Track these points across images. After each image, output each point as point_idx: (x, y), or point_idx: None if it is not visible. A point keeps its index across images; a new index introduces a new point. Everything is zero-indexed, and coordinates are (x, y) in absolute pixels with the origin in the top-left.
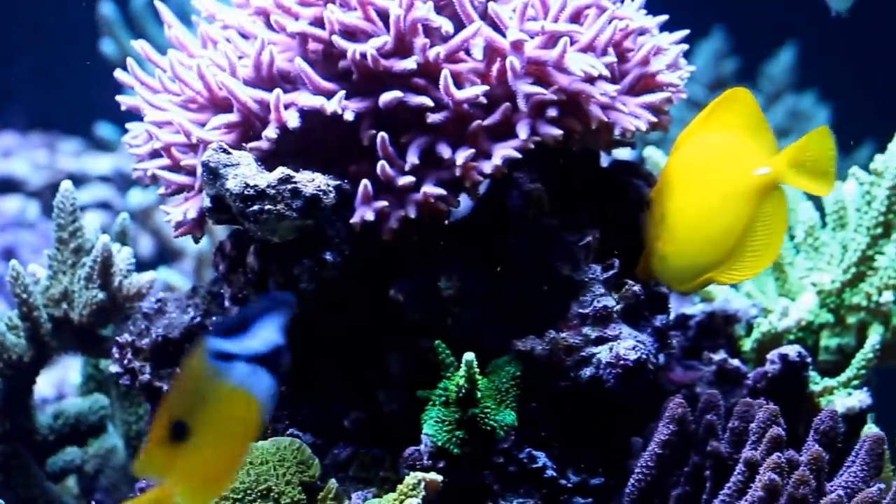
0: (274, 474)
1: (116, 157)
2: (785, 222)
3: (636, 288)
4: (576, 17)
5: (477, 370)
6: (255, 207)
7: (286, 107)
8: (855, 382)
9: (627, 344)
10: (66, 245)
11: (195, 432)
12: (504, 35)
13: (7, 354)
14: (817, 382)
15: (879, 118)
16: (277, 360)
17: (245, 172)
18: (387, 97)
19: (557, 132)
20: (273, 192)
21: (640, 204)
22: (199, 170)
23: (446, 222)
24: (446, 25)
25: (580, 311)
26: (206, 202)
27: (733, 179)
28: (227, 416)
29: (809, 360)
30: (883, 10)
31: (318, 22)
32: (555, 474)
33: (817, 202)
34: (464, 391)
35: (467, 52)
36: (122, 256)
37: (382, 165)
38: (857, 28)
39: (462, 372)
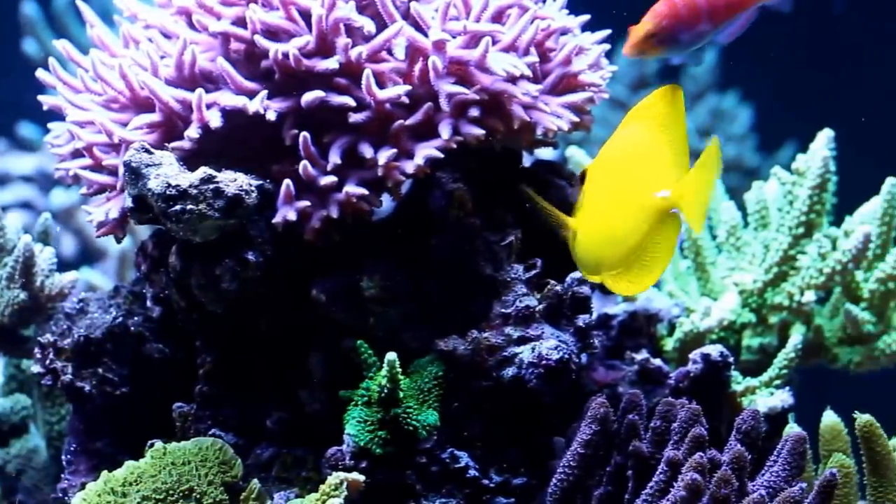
0: (196, 474)
1: (39, 156)
2: (671, 251)
3: (558, 288)
4: (498, 17)
5: (399, 370)
6: (177, 207)
7: (208, 106)
8: (777, 382)
9: (550, 344)
10: None
11: None
12: (426, 35)
13: None
14: (739, 382)
15: (801, 118)
16: None
17: (167, 172)
18: (309, 97)
19: (479, 132)
20: (195, 191)
21: (565, 202)
22: (121, 169)
23: (369, 222)
24: (368, 25)
25: (502, 310)
26: (128, 202)
27: (636, 195)
28: None
29: (731, 359)
30: (803, 11)
31: (241, 22)
32: (477, 474)
33: (739, 201)
34: (386, 391)
35: (389, 52)
36: (45, 256)
37: (304, 165)
38: (779, 29)
39: (384, 372)
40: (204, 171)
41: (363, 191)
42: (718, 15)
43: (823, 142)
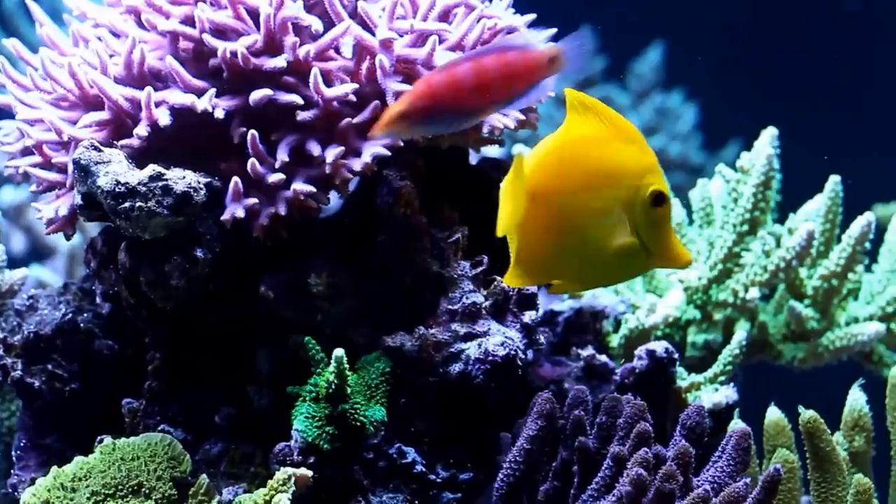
0: (145, 470)
1: None
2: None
3: (504, 284)
4: (445, 16)
5: (346, 366)
6: (126, 205)
7: (157, 105)
8: (721, 378)
9: (496, 340)
10: None
11: None
12: (373, 34)
13: None
14: (684, 378)
15: (745, 117)
16: None
17: (116, 170)
18: (257, 95)
19: None
20: (144, 189)
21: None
22: (71, 167)
23: (317, 219)
24: (316, 24)
25: (449, 307)
26: (78, 199)
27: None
28: None
29: (676, 355)
30: (747, 10)
31: (189, 20)
32: (424, 469)
33: (684, 199)
34: (333, 387)
35: (337, 51)
36: None
37: (253, 163)
38: (724, 28)
39: (332, 368)
40: (153, 168)
41: (311, 188)
42: (494, 91)
43: (767, 140)
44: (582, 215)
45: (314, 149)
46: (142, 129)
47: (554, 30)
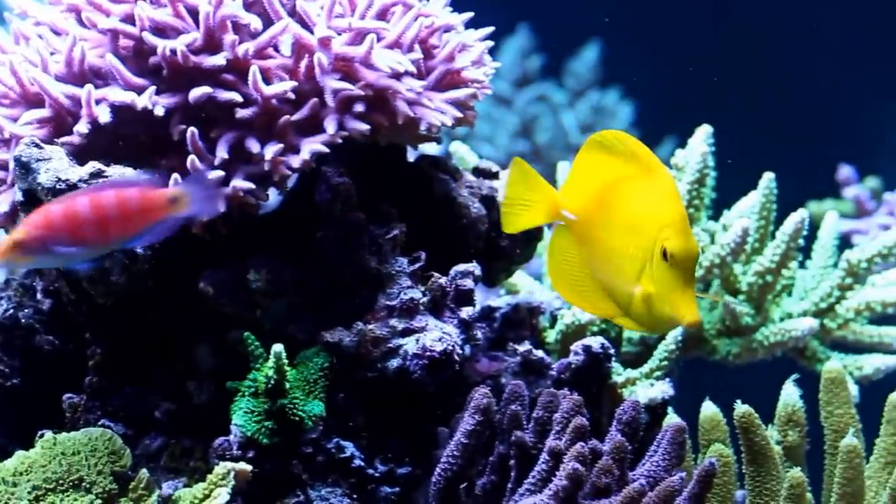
0: (86, 464)
1: None
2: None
3: (442, 280)
4: (382, 15)
5: (286, 361)
6: None
7: (97, 102)
8: (657, 373)
9: (434, 335)
10: None
11: None
12: (312, 32)
13: None
14: (620, 373)
15: (680, 115)
16: None
17: (57, 167)
18: (196, 92)
19: (364, 127)
20: (84, 185)
21: (447, 198)
22: (12, 164)
23: (256, 216)
24: (255, 22)
25: (387, 303)
26: (19, 196)
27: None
28: None
29: (612, 351)
30: (682, 8)
31: (130, 19)
32: (362, 464)
33: None
34: (273, 382)
35: (276, 49)
36: None
37: (192, 160)
38: (659, 27)
39: (271, 363)
40: (93, 165)
41: (250, 185)
42: (112, 227)
43: (702, 137)
44: (617, 262)
45: (253, 146)
46: (82, 127)
47: (491, 28)
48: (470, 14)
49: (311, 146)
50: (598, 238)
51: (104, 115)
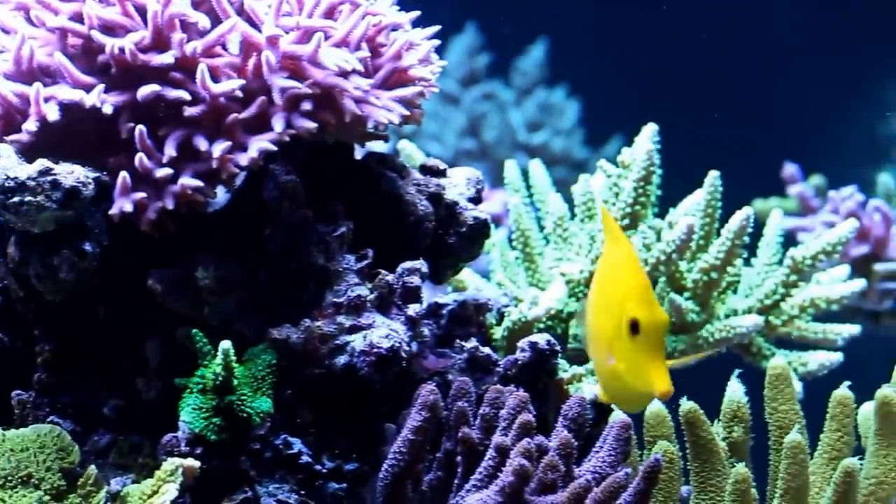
0: (34, 461)
1: None
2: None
3: (389, 278)
4: (330, 13)
5: (233, 358)
6: (16, 199)
7: (46, 100)
8: None
9: (381, 332)
10: None
11: None
12: (260, 30)
13: None
14: (566, 370)
15: (627, 113)
16: None
17: (5, 164)
18: (144, 91)
19: (312, 125)
20: (33, 183)
21: (395, 196)
22: None
23: (204, 213)
24: (203, 21)
25: (334, 300)
26: None
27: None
28: None
29: (559, 348)
30: (628, 7)
31: (78, 17)
32: (310, 460)
33: (566, 194)
34: (220, 379)
35: (224, 47)
36: None
37: (140, 158)
38: (606, 25)
39: (218, 360)
40: (42, 163)
41: (198, 182)
42: None
43: (648, 135)
44: (594, 337)
45: (201, 144)
46: (31, 125)
47: (438, 27)
48: (417, 13)
49: (259, 144)
50: (588, 317)
51: (53, 114)
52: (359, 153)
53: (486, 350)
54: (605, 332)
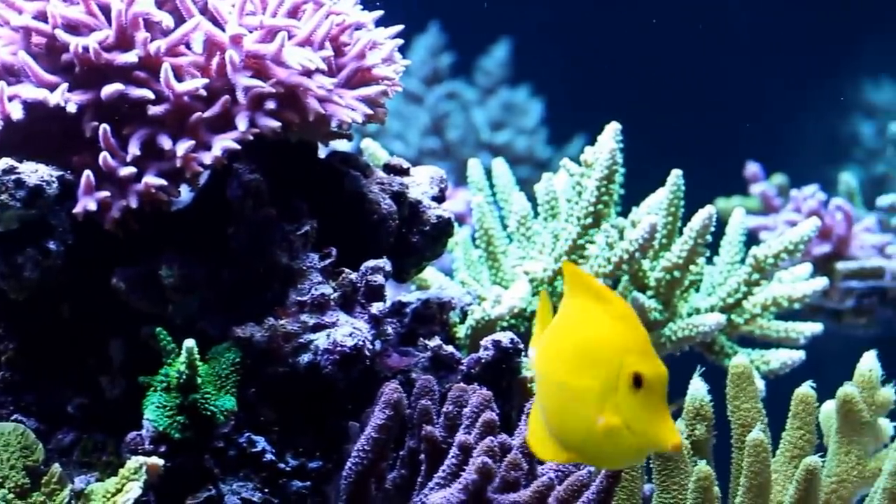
0: None
1: None
2: None
3: (353, 276)
4: (294, 13)
5: (197, 356)
6: None
7: (10, 99)
8: None
9: (344, 331)
10: None
11: None
12: (224, 30)
13: None
14: (530, 368)
15: (590, 112)
16: None
17: None
18: (108, 90)
19: (276, 124)
20: None
21: (358, 195)
22: None
23: (168, 212)
24: (167, 20)
25: (298, 298)
26: None
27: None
28: None
29: (522, 346)
30: (592, 7)
31: (43, 16)
32: (274, 458)
33: (530, 192)
34: (184, 377)
35: (188, 46)
36: None
37: (104, 156)
38: (569, 25)
39: (182, 358)
40: (5, 162)
41: (162, 181)
42: None
43: (611, 134)
44: (570, 397)
45: (165, 143)
46: None
47: (401, 26)
48: (380, 12)
49: (223, 143)
50: (548, 373)
51: (17, 112)
52: (322, 152)
53: (450, 348)
54: (592, 389)
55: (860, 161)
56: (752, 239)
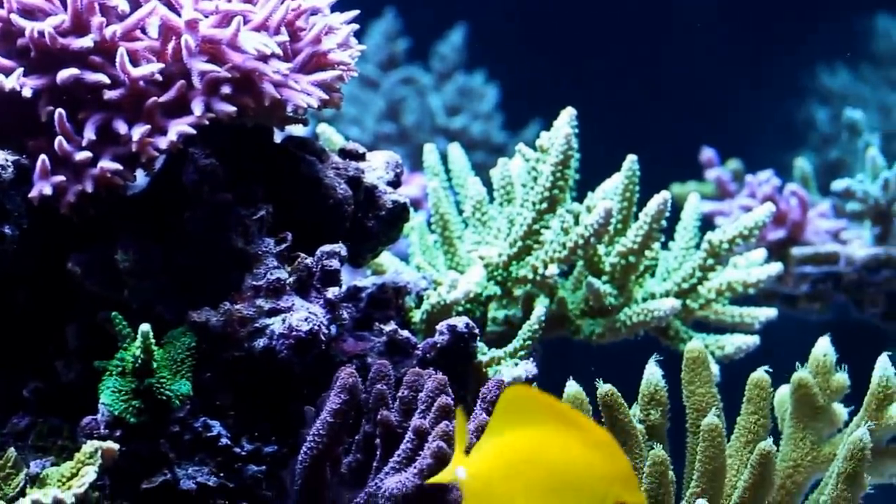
0: None
1: None
2: None
3: (308, 261)
4: None
5: (153, 341)
6: None
7: None
8: (522, 353)
9: (300, 315)
10: None
11: None
12: (179, 14)
13: None
14: (485, 353)
15: (545, 97)
16: None
17: None
18: (64, 74)
19: (231, 109)
20: None
21: (314, 180)
22: None
23: (124, 197)
24: (122, 5)
25: (254, 283)
26: None
27: None
28: None
29: (477, 331)
30: None
31: None
32: (229, 442)
33: (485, 178)
34: (140, 361)
35: (144, 31)
36: None
37: (60, 141)
38: (525, 10)
39: (138, 343)
40: None
41: (117, 166)
42: None
43: (566, 119)
44: None
45: (121, 127)
46: None
47: (356, 11)
48: None
49: (179, 128)
50: (510, 499)
51: None
52: (278, 137)
53: (405, 333)
54: None
55: (815, 147)
56: (707, 224)
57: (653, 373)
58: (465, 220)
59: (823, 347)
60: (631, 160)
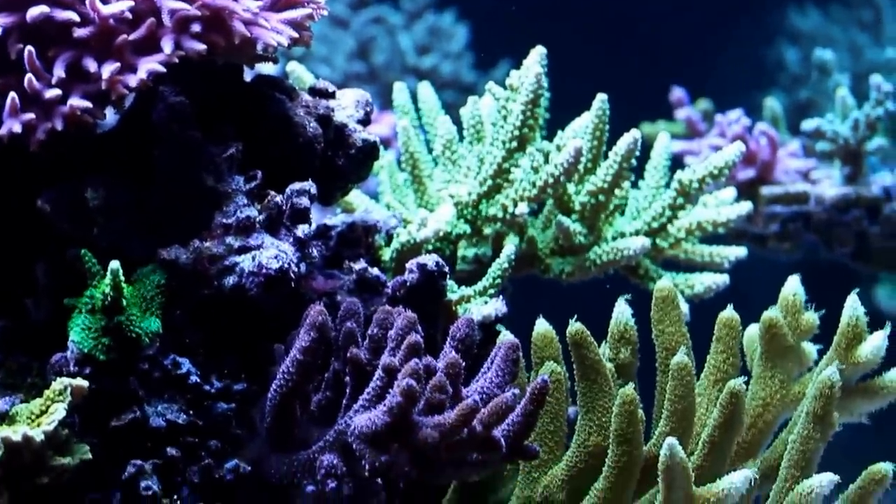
0: None
1: None
2: None
3: (278, 199)
4: None
5: (122, 278)
6: None
7: None
8: (491, 291)
9: (269, 253)
10: None
11: None
12: None
13: None
14: (455, 291)
15: (515, 36)
16: None
17: None
18: (34, 12)
19: (201, 47)
20: None
21: (284, 118)
22: None
23: (94, 135)
24: None
25: (223, 221)
26: None
27: None
28: None
29: (447, 269)
30: None
31: None
32: (198, 380)
33: (455, 116)
34: (109, 299)
35: None
36: None
37: (29, 79)
38: None
39: (107, 280)
40: None
41: (87, 104)
42: None
43: (536, 59)
44: None
45: (90, 65)
46: None
47: None
48: None
49: (149, 66)
50: None
51: None
52: (248, 75)
53: (375, 271)
54: None
55: (785, 87)
56: (676, 163)
57: (622, 311)
58: (434, 159)
59: (793, 287)
60: (601, 99)
